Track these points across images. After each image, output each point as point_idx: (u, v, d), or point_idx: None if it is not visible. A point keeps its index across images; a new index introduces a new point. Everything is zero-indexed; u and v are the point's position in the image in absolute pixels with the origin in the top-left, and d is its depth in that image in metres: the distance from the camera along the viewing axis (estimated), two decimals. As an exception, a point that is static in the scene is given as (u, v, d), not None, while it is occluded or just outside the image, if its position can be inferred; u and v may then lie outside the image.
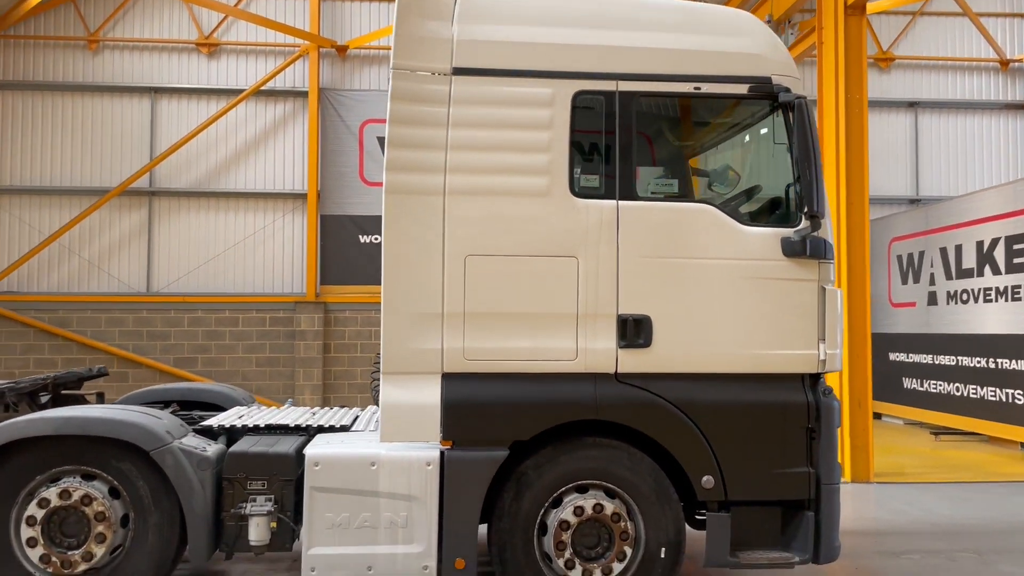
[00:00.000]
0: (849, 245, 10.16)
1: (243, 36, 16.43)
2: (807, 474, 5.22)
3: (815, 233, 5.17)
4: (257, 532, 4.90)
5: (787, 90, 5.20)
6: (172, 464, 4.83)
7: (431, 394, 5.02)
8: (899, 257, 15.44)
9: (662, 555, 5.12)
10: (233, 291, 16.06)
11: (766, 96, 5.25)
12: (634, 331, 5.12)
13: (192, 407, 6.70)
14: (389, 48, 11.60)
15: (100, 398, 6.55)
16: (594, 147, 5.27)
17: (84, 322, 15.86)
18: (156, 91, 16.22)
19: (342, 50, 16.52)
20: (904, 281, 15.27)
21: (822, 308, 5.27)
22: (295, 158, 16.35)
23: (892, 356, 15.59)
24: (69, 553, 4.77)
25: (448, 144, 5.08)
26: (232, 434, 5.54)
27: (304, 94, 16.28)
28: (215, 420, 5.77)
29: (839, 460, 5.36)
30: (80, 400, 6.35)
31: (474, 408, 5.04)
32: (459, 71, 5.13)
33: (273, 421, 5.70)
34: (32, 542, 4.75)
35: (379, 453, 4.98)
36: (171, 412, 6.33)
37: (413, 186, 5.05)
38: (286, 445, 5.17)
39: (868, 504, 8.98)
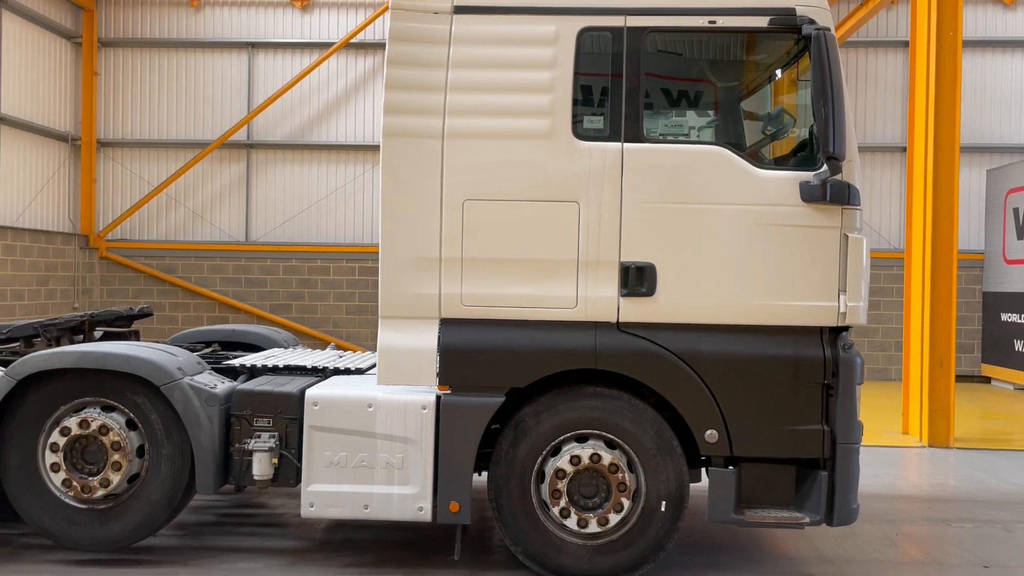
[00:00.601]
0: (935, 195, 9.47)
1: (335, -14, 16.67)
2: (821, 432, 4.95)
3: (836, 177, 4.83)
4: (260, 467, 5.07)
5: (811, 22, 4.82)
6: (181, 399, 5.04)
7: (428, 339, 5.01)
8: (1015, 210, 14.29)
9: (662, 508, 4.99)
10: (325, 241, 16.53)
11: (788, 29, 4.89)
12: (636, 279, 4.95)
13: (235, 347, 6.97)
14: None
15: (136, 336, 6.90)
16: (599, 87, 5.07)
17: (188, 268, 16.73)
18: (253, 46, 16.70)
19: (431, 0, 16.48)
20: (1020, 236, 14.15)
21: (844, 257, 4.94)
22: (384, 110, 16.52)
23: (1004, 316, 14.55)
24: (89, 479, 5.07)
25: (448, 85, 4.99)
26: (253, 373, 5.73)
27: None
28: (239, 360, 5.99)
29: (859, 419, 5.03)
30: (123, 337, 6.71)
31: (471, 354, 5.02)
32: (460, 9, 5.02)
33: (294, 362, 5.86)
34: (55, 467, 5.08)
35: (376, 395, 5.04)
36: (211, 351, 6.62)
37: (411, 129, 5.00)
38: (293, 385, 5.29)
39: (940, 470, 8.48)
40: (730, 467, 5.01)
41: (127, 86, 16.88)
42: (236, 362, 5.89)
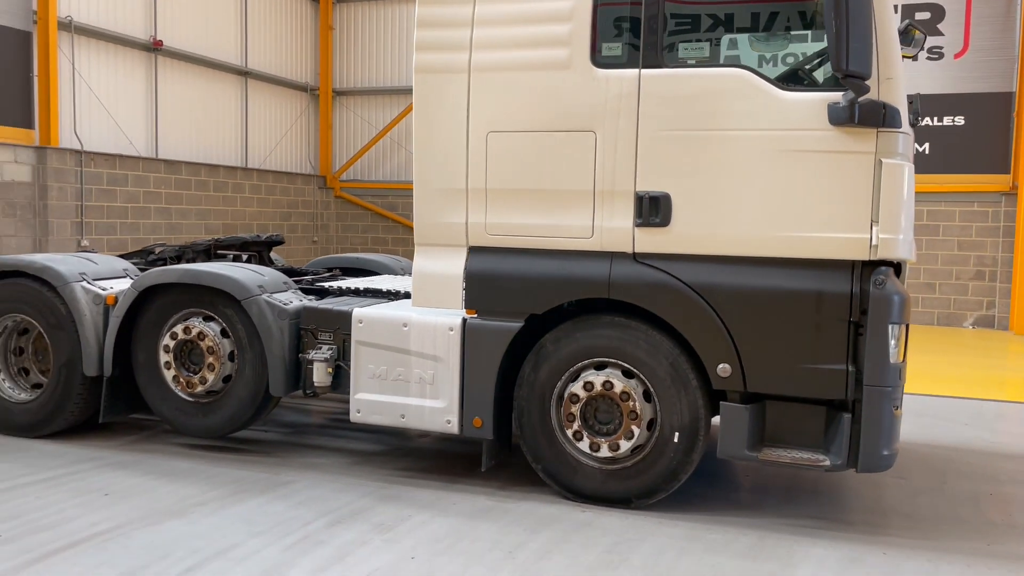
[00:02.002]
0: None
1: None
2: (844, 372, 4.66)
3: (870, 97, 4.45)
4: (318, 375, 5.71)
5: (845, -73, 4.41)
6: (257, 312, 5.79)
7: (457, 265, 5.33)
8: None
9: (675, 440, 4.98)
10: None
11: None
12: (651, 209, 4.91)
13: (358, 273, 7.73)
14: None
15: (258, 260, 7.77)
16: (618, 13, 5.00)
17: (407, 207, 18.01)
18: (466, -8, 17.46)
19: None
20: None
21: (878, 185, 4.55)
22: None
23: None
24: (192, 376, 6.02)
25: (474, 20, 5.18)
26: (339, 294, 6.40)
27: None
28: (331, 282, 6.68)
29: (898, 359, 4.65)
30: (255, 261, 7.65)
31: (492, 280, 5.27)
32: (487, -57, 5.17)
33: (373, 286, 6.45)
34: (168, 365, 6.06)
35: (411, 316, 5.46)
36: (330, 275, 7.42)
37: (441, 65, 5.27)
38: (355, 305, 5.85)
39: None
40: (747, 403, 4.86)
41: (357, 38, 18.43)
42: (327, 284, 6.60)
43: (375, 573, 4.17)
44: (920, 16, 14.58)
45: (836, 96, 4.56)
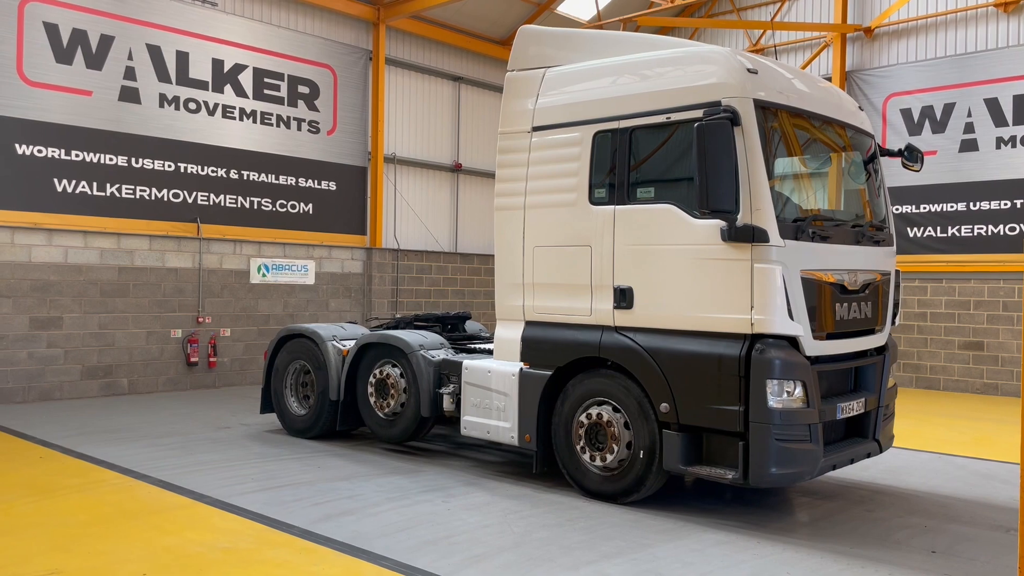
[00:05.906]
0: None
1: (777, 38, 18.89)
2: (737, 411, 6.65)
3: (741, 221, 6.57)
4: (445, 404, 8.76)
5: (727, 111, 6.62)
6: (415, 362, 9.04)
7: (518, 332, 8.14)
8: None
9: (640, 456, 7.24)
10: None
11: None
12: (621, 297, 7.34)
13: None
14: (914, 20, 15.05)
15: (432, 328, 10.96)
16: (605, 168, 7.56)
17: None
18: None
19: (868, 31, 17.62)
20: None
21: (753, 282, 6.59)
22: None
23: None
24: (384, 402, 9.41)
25: (527, 177, 8.06)
26: (478, 352, 9.45)
27: (827, 79, 17.89)
28: (476, 344, 9.78)
29: (792, 405, 6.53)
30: (452, 329, 10.97)
31: (536, 343, 7.99)
32: (535, 128, 8.05)
33: (501, 347, 9.41)
34: (371, 394, 9.50)
35: (492, 365, 8.33)
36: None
37: (509, 206, 8.20)
38: (469, 358, 8.84)
39: None
40: (682, 432, 6.98)
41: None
42: (476, 345, 9.70)
43: (422, 513, 7.07)
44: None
45: (723, 222, 6.69)
